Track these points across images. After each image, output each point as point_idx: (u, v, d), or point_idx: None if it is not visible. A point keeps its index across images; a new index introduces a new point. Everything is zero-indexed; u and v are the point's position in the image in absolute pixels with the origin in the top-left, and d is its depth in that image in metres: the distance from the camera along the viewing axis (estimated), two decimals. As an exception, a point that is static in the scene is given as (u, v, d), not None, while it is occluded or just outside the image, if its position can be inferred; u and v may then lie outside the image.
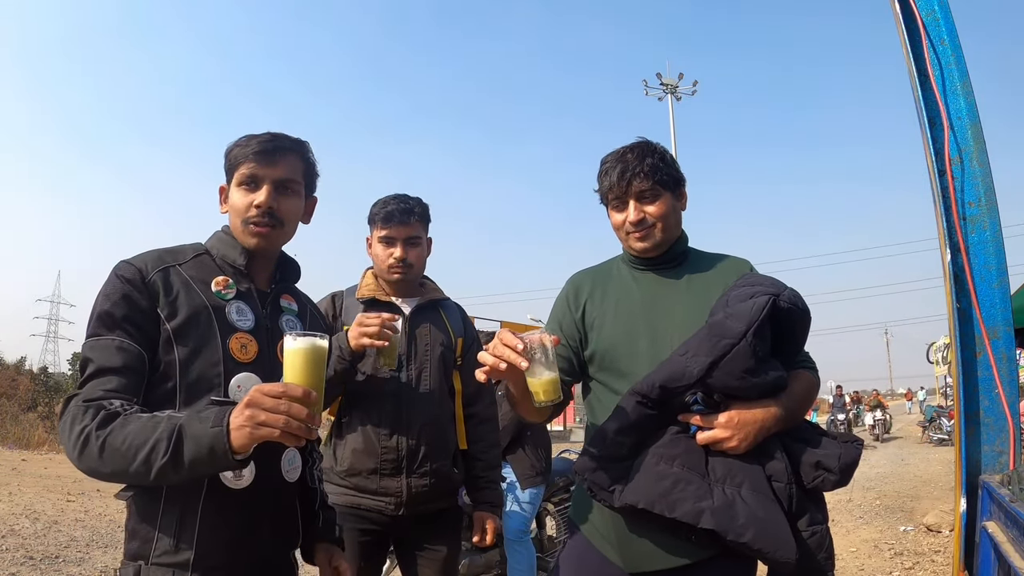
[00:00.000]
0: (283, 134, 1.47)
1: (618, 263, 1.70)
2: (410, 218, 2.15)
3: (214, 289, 1.38)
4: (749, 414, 1.35)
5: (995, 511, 1.73)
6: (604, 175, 1.60)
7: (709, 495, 1.30)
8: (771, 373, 1.38)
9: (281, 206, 1.43)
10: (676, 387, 1.35)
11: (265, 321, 1.43)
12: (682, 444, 1.37)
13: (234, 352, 1.35)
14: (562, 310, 1.66)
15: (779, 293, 1.39)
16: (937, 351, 12.70)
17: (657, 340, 1.50)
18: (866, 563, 5.34)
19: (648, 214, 1.55)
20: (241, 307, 1.40)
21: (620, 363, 1.53)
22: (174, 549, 1.26)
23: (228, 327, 1.36)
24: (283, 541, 1.43)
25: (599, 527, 1.52)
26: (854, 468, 1.38)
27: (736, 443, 1.33)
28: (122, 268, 1.33)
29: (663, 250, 1.60)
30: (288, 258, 1.55)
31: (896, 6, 2.17)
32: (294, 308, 1.54)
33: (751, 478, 1.32)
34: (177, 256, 1.40)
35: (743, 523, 1.26)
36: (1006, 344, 2.00)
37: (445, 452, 2.15)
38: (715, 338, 1.33)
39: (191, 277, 1.37)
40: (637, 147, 1.59)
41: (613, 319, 1.57)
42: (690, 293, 1.56)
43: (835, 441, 1.42)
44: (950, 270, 2.05)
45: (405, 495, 2.07)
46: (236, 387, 1.34)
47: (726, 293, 1.47)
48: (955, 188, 2.06)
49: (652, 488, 1.32)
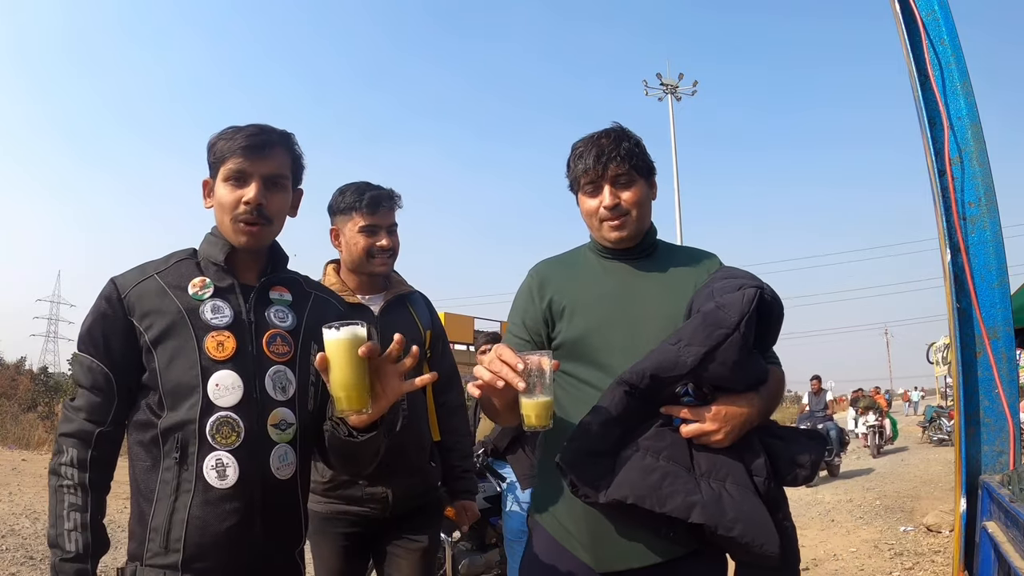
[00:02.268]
0: (269, 126, 1.45)
1: (585, 252, 1.64)
2: (394, 204, 2.09)
3: (191, 291, 1.39)
4: (735, 407, 1.33)
5: (995, 511, 1.73)
6: (578, 159, 1.54)
7: (697, 489, 1.28)
8: (757, 366, 1.38)
9: (270, 203, 1.41)
10: (668, 377, 1.31)
11: (247, 315, 1.41)
12: (667, 437, 1.34)
13: (210, 351, 1.35)
14: (526, 302, 1.60)
15: (762, 286, 1.37)
16: (937, 351, 12.69)
17: (633, 331, 1.47)
18: (866, 563, 5.33)
19: (623, 200, 1.51)
20: (217, 304, 1.39)
21: (593, 353, 1.48)
22: (163, 550, 1.29)
23: (203, 327, 1.36)
24: (281, 540, 1.41)
25: (567, 525, 1.47)
26: (820, 465, 1.41)
27: (722, 436, 1.31)
28: (106, 287, 1.38)
29: (636, 240, 1.56)
30: (278, 249, 1.52)
31: (896, 6, 2.17)
32: (287, 299, 1.49)
33: (734, 472, 1.31)
34: (159, 265, 1.42)
35: (732, 517, 1.25)
36: (1006, 344, 2.00)
37: (423, 449, 2.13)
38: (710, 327, 1.29)
39: (167, 284, 1.39)
40: (612, 131, 1.55)
41: (585, 308, 1.52)
42: (663, 285, 1.53)
43: (803, 437, 1.43)
44: (950, 270, 2.05)
45: (392, 500, 2.05)
46: (215, 385, 1.33)
47: (709, 284, 1.44)
48: (955, 188, 2.06)
49: (641, 482, 1.29)
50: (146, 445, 1.34)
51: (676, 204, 23.31)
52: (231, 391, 1.34)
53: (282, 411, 1.40)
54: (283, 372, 1.41)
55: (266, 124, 1.44)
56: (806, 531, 6.53)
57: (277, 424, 1.39)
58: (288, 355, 1.43)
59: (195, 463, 1.31)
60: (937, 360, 13.87)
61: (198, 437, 1.31)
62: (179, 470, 1.31)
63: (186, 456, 1.31)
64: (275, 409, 1.38)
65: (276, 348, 1.42)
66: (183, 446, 1.31)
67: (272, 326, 1.43)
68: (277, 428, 1.39)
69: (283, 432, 1.39)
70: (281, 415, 1.39)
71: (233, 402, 1.34)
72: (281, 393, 1.40)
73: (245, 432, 1.34)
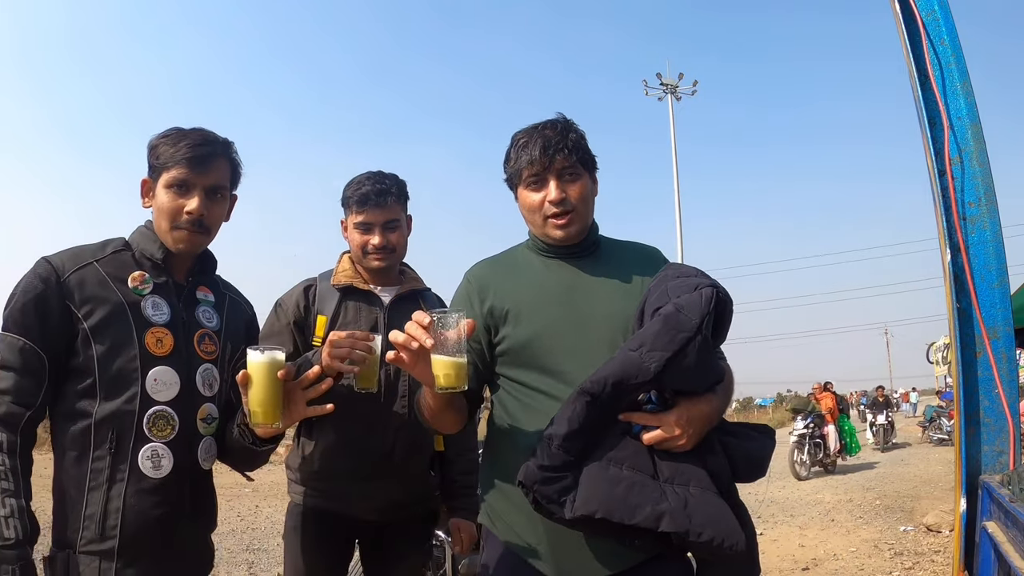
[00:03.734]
0: (212, 134, 1.50)
1: (523, 251, 1.56)
2: (387, 199, 1.94)
3: (130, 285, 1.42)
4: (696, 410, 1.29)
5: (995, 511, 1.73)
6: (521, 150, 1.45)
7: (664, 497, 1.23)
8: (715, 366, 1.36)
9: (210, 213, 1.48)
10: (631, 385, 1.24)
11: (181, 314, 1.47)
12: (630, 445, 1.29)
13: (150, 347, 1.40)
14: (464, 308, 1.51)
15: (716, 284, 1.33)
16: (937, 351, 12.69)
17: (581, 333, 1.41)
18: (866, 563, 5.34)
19: (570, 195, 1.44)
20: (157, 301, 1.44)
21: (541, 358, 1.41)
22: (99, 537, 1.32)
23: (144, 322, 1.40)
24: (202, 525, 1.53)
25: (526, 537, 1.41)
26: (770, 458, 1.41)
27: (685, 441, 1.27)
28: (41, 266, 1.38)
29: (581, 238, 1.50)
30: (206, 251, 1.57)
31: (896, 6, 2.16)
32: (211, 300, 1.56)
33: (696, 475, 1.27)
34: (96, 253, 1.44)
35: (700, 521, 1.22)
36: (1006, 344, 2.00)
37: (422, 456, 2.01)
38: (672, 331, 1.24)
39: (108, 274, 1.41)
40: (557, 122, 1.48)
41: (529, 311, 1.45)
42: (610, 283, 1.47)
43: (755, 432, 1.41)
44: (950, 270, 2.04)
45: (379, 503, 1.92)
46: (153, 380, 1.39)
47: (661, 283, 1.39)
48: (955, 188, 2.06)
49: (608, 495, 1.22)
50: (75, 434, 1.35)
51: (676, 204, 23.33)
52: (168, 387, 1.41)
53: (209, 406, 1.49)
54: (211, 370, 1.51)
55: (209, 132, 1.50)
56: (806, 531, 6.54)
57: (205, 418, 1.48)
58: (215, 354, 1.52)
59: (130, 454, 1.36)
60: (937, 360, 13.87)
61: (135, 429, 1.36)
62: (113, 460, 1.35)
63: (122, 447, 1.35)
64: (203, 404, 1.48)
65: (205, 347, 1.50)
66: (119, 437, 1.35)
67: (201, 326, 1.52)
68: (205, 422, 1.48)
69: (209, 426, 1.49)
70: (208, 410, 1.49)
71: (170, 397, 1.41)
72: (208, 389, 1.49)
73: (180, 425, 1.42)
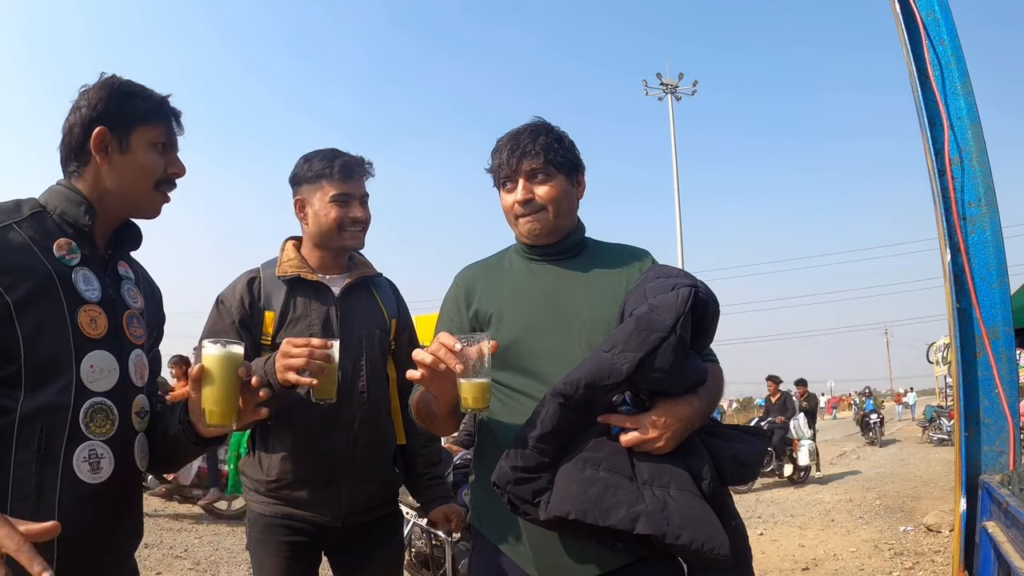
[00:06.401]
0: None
1: (510, 255, 1.58)
2: (366, 172, 1.92)
3: (56, 253, 1.18)
4: (675, 412, 1.28)
5: (995, 511, 1.73)
6: (496, 153, 1.50)
7: (641, 499, 1.22)
8: (695, 367, 1.34)
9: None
10: (603, 386, 1.24)
11: (109, 291, 1.26)
12: (606, 447, 1.28)
13: (84, 327, 1.17)
14: (451, 312, 1.54)
15: (696, 284, 1.33)
16: (937, 351, 12.72)
17: (564, 335, 1.42)
18: (866, 563, 5.33)
19: (537, 195, 1.45)
20: (87, 275, 1.21)
21: (523, 361, 1.42)
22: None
23: (76, 298, 1.18)
24: (133, 531, 1.31)
25: (510, 538, 1.40)
26: (761, 461, 1.40)
27: (663, 443, 1.26)
28: None
29: (556, 237, 1.50)
30: (130, 222, 1.35)
31: (896, 6, 2.17)
32: (132, 276, 1.35)
33: (677, 477, 1.26)
34: (12, 213, 1.19)
35: (679, 524, 1.20)
36: (1006, 344, 2.00)
37: (385, 452, 1.92)
38: (644, 332, 1.24)
39: (30, 238, 1.17)
40: (532, 126, 1.50)
41: (512, 314, 1.46)
42: (593, 286, 1.47)
43: (744, 435, 1.40)
44: (950, 270, 2.05)
45: (345, 506, 1.82)
46: (90, 367, 1.17)
47: (640, 284, 1.39)
48: (955, 188, 2.06)
49: (581, 496, 1.21)
50: None
51: (676, 203, 23.32)
52: (106, 374, 1.20)
53: (142, 398, 1.29)
54: (141, 356, 1.29)
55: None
56: (806, 531, 6.54)
57: (139, 412, 1.27)
58: (143, 338, 1.31)
59: (62, 455, 1.13)
60: (937, 360, 13.90)
61: (69, 426, 1.14)
62: (40, 465, 1.11)
63: (52, 448, 1.12)
64: (137, 396, 1.27)
65: (134, 330, 1.29)
66: (48, 436, 1.12)
67: (128, 306, 1.29)
68: (139, 416, 1.27)
69: (142, 420, 1.28)
70: (142, 402, 1.28)
71: (108, 387, 1.20)
72: (139, 379, 1.28)
73: (119, 420, 1.21)
